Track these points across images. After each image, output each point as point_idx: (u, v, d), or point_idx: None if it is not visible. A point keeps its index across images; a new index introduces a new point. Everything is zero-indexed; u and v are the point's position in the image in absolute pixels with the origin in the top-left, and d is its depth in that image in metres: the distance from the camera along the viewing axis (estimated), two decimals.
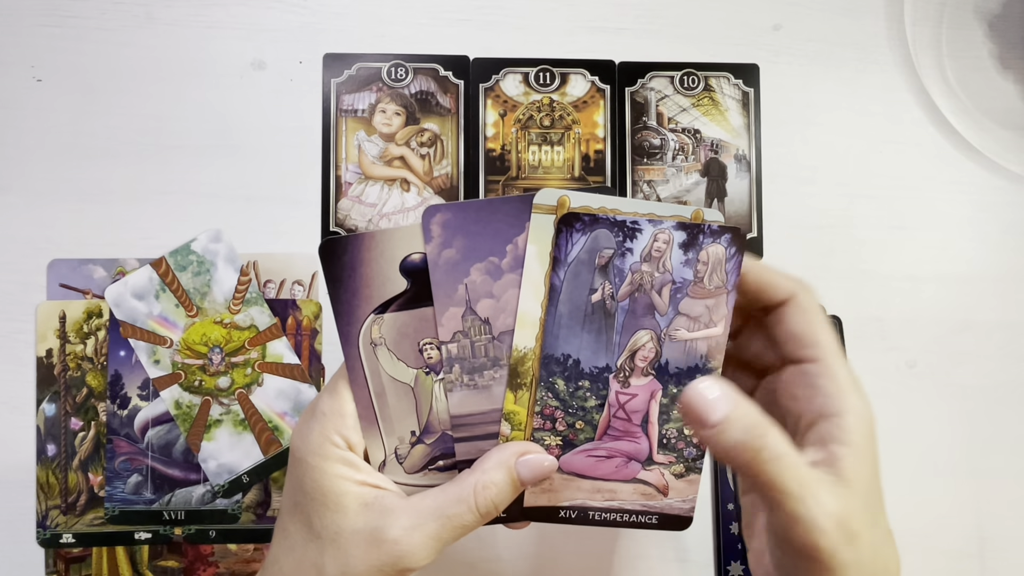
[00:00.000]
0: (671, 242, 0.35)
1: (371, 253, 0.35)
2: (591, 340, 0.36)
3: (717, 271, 0.36)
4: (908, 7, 0.57)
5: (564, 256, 0.35)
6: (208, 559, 0.52)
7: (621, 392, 0.36)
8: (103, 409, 0.52)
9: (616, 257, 0.35)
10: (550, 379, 0.36)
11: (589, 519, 0.38)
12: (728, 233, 0.35)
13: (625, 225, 0.35)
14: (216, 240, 0.52)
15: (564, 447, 0.37)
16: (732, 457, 0.33)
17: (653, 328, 0.36)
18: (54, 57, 0.54)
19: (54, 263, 0.53)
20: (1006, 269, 0.56)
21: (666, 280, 0.36)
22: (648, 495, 0.37)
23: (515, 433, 0.36)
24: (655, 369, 0.36)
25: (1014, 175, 0.56)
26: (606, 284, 0.36)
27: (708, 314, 0.36)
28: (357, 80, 0.55)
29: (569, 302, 0.35)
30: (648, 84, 0.56)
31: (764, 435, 0.32)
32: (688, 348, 0.36)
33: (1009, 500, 0.55)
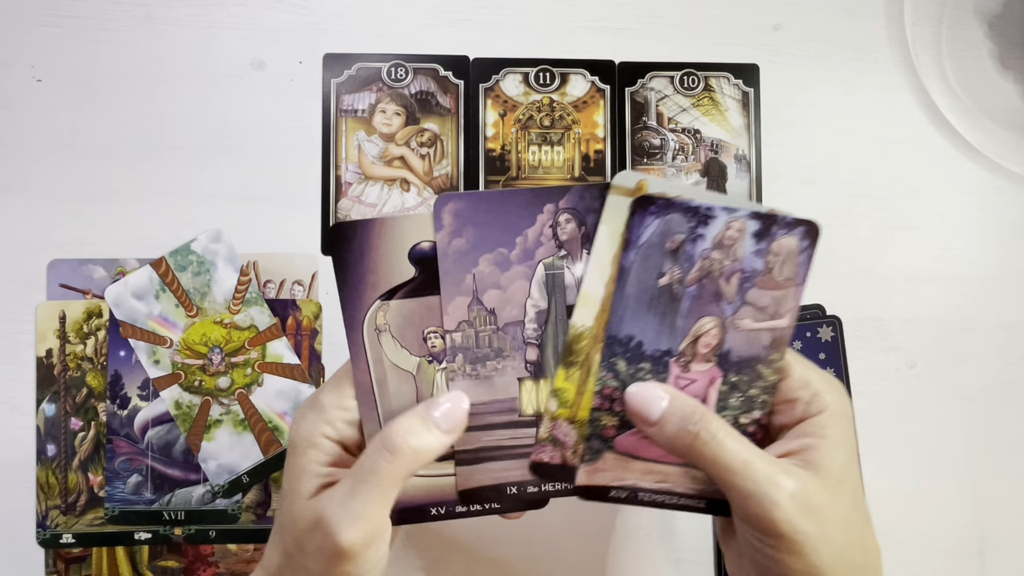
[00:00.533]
0: (744, 231, 0.35)
1: (381, 239, 0.35)
2: (655, 323, 0.36)
3: (788, 263, 0.36)
4: (908, 7, 0.57)
5: (636, 238, 0.35)
6: (208, 559, 0.52)
7: (681, 376, 0.36)
8: (103, 409, 0.52)
9: (687, 242, 0.35)
10: (612, 359, 0.36)
11: (638, 500, 0.38)
12: (803, 226, 0.35)
13: (699, 211, 0.35)
14: (216, 240, 0.52)
15: (620, 428, 0.37)
16: (676, 447, 0.34)
17: (718, 315, 0.36)
18: (54, 57, 0.54)
19: (54, 263, 0.53)
20: (1006, 269, 0.56)
21: (735, 269, 0.36)
22: (698, 479, 0.37)
23: (561, 410, 0.36)
24: (717, 356, 0.36)
25: (1014, 175, 0.56)
26: (675, 269, 0.35)
27: (775, 306, 0.36)
28: (357, 80, 0.55)
29: (637, 284, 0.35)
30: (648, 84, 0.56)
31: (699, 419, 0.34)
32: (751, 338, 0.36)
33: (1009, 500, 0.55)
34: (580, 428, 0.37)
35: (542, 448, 0.37)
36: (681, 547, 0.54)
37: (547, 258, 0.36)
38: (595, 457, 0.37)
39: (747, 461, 0.33)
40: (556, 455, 0.37)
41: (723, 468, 0.33)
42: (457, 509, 0.37)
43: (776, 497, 0.32)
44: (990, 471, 0.55)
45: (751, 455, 0.33)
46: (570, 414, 0.37)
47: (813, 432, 0.34)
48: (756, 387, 0.36)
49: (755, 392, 0.36)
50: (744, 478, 0.33)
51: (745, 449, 0.33)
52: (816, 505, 0.32)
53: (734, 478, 0.33)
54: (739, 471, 0.33)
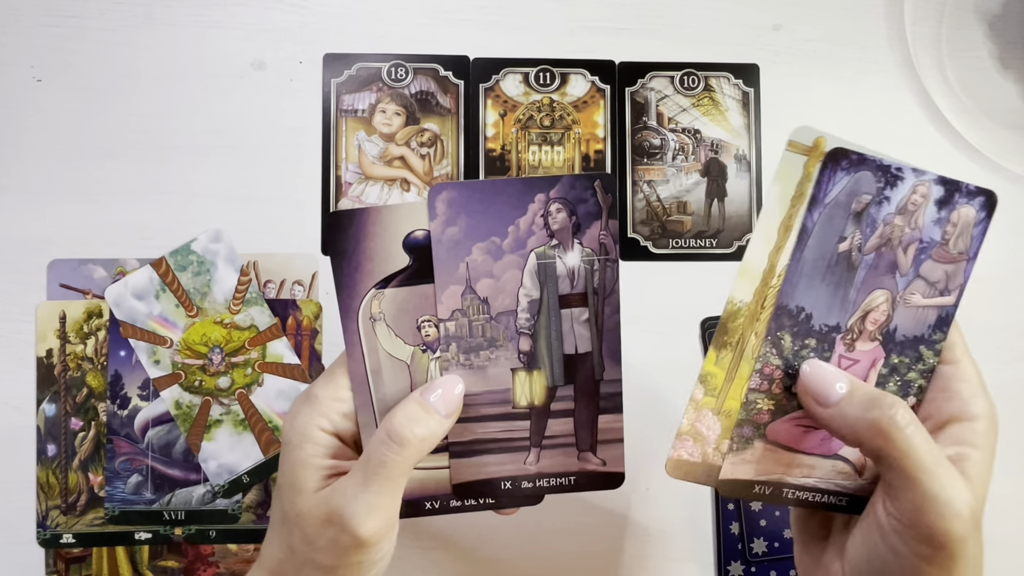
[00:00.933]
0: (929, 196, 0.34)
1: (376, 227, 0.35)
2: (828, 294, 0.34)
3: (964, 235, 0.34)
4: (908, 7, 0.57)
5: (823, 196, 0.33)
6: (208, 559, 0.52)
7: (844, 356, 0.34)
8: (103, 409, 0.52)
9: (873, 204, 0.33)
10: (778, 333, 0.34)
11: (783, 496, 0.36)
12: (983, 195, 0.34)
13: (890, 170, 0.33)
14: (216, 240, 0.52)
15: (775, 413, 0.35)
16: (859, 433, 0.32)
17: (891, 288, 0.34)
18: (54, 57, 0.54)
19: (54, 263, 0.53)
20: (1006, 269, 0.56)
21: (914, 238, 0.34)
22: (844, 474, 0.36)
23: (707, 399, 0.34)
24: (883, 335, 0.34)
25: (1014, 175, 0.56)
26: (856, 233, 0.34)
27: (945, 281, 0.34)
28: (357, 80, 0.55)
29: (817, 248, 0.33)
30: (648, 84, 0.56)
31: (893, 405, 0.31)
32: (919, 315, 0.34)
33: (1009, 500, 0.55)
34: (726, 419, 0.34)
35: (682, 442, 0.35)
36: (681, 547, 0.54)
37: (539, 247, 0.36)
38: (744, 446, 0.35)
39: (939, 460, 0.30)
40: (696, 451, 0.35)
41: (912, 463, 0.30)
42: (451, 504, 0.37)
43: (959, 509, 0.30)
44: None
45: (941, 455, 0.31)
46: (716, 403, 0.34)
47: (971, 441, 0.32)
48: (915, 370, 0.34)
49: (913, 376, 0.34)
50: (932, 478, 0.30)
51: (935, 448, 0.31)
52: (979, 525, 0.31)
53: (921, 476, 0.30)
54: (930, 470, 0.30)
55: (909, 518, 0.31)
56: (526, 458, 0.37)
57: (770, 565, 0.53)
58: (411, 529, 0.53)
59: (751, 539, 0.54)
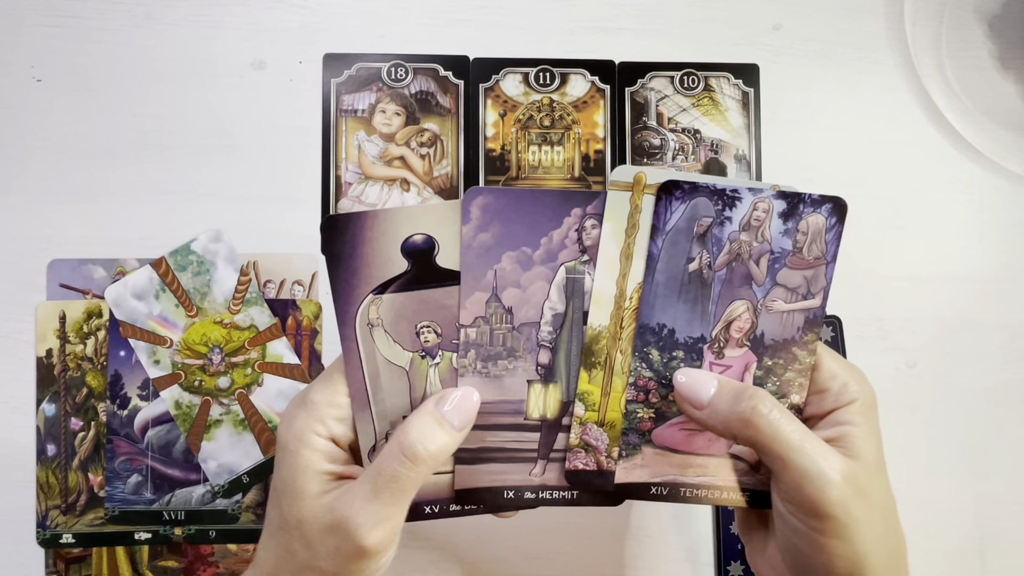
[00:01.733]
0: (771, 211, 0.35)
1: (373, 232, 0.35)
2: (686, 310, 0.35)
3: (817, 241, 0.35)
4: (908, 7, 0.57)
5: (663, 224, 0.35)
6: (208, 559, 0.52)
7: (715, 363, 0.36)
8: (103, 409, 0.52)
9: (715, 225, 0.35)
10: (644, 349, 0.36)
11: (680, 496, 0.37)
12: (829, 203, 0.35)
13: (725, 193, 0.35)
14: (216, 240, 0.52)
15: (657, 420, 0.36)
16: (729, 427, 0.34)
17: (749, 299, 0.36)
18: (54, 57, 0.54)
19: (54, 263, 0.53)
20: (1006, 269, 0.56)
21: (764, 250, 0.35)
22: (740, 470, 0.37)
23: (589, 414, 0.36)
24: (750, 340, 0.36)
25: (1014, 175, 0.56)
26: (704, 253, 0.35)
27: (806, 285, 0.36)
28: (357, 80, 0.55)
29: (666, 271, 0.35)
30: (648, 84, 0.56)
31: (753, 396, 0.34)
32: (785, 320, 0.36)
33: (1009, 500, 0.55)
34: (611, 430, 0.36)
35: (575, 455, 0.37)
36: (681, 547, 0.54)
37: (569, 262, 0.35)
38: (632, 452, 0.37)
39: (804, 438, 0.33)
40: (590, 460, 0.37)
41: (781, 444, 0.33)
42: (451, 508, 0.37)
43: (832, 477, 0.32)
44: (990, 471, 0.55)
45: (807, 433, 0.33)
46: (598, 417, 0.36)
47: (848, 420, 0.34)
48: (792, 370, 0.36)
49: (791, 375, 0.36)
50: (802, 454, 0.32)
51: (800, 427, 0.33)
52: (864, 489, 0.33)
53: (791, 453, 0.32)
54: (797, 447, 0.32)
55: (792, 496, 0.33)
56: (532, 469, 0.37)
57: None
58: (411, 529, 0.53)
59: None
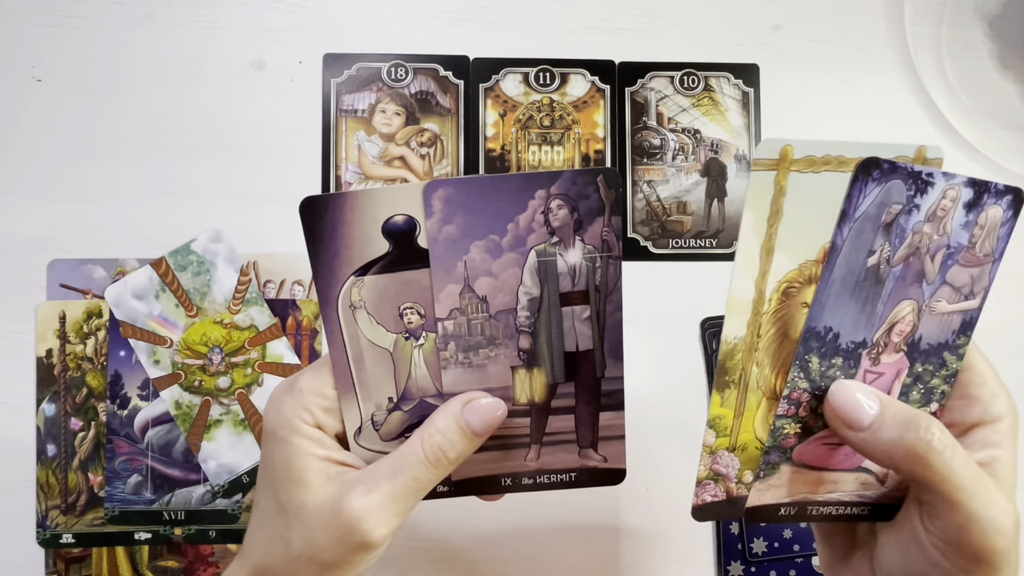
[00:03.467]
0: (958, 200, 0.33)
1: (353, 213, 0.34)
2: (856, 311, 0.32)
3: (990, 236, 0.33)
4: (908, 7, 0.57)
5: (853, 210, 0.31)
6: (208, 559, 0.52)
7: (869, 371, 0.33)
8: (103, 409, 0.52)
9: (903, 214, 0.32)
10: (806, 356, 0.32)
11: (807, 514, 0.35)
12: (1010, 194, 0.33)
13: (920, 177, 0.32)
14: (216, 240, 0.52)
15: (801, 435, 0.34)
16: (894, 456, 0.31)
17: (917, 298, 0.33)
18: (54, 57, 0.54)
19: (54, 263, 0.53)
20: (1006, 269, 0.56)
21: (942, 244, 0.33)
22: (867, 484, 0.35)
23: (720, 440, 0.33)
24: (907, 345, 0.33)
25: (1014, 175, 0.56)
26: (886, 245, 0.32)
27: (971, 284, 0.33)
28: (357, 80, 0.55)
29: (846, 265, 0.32)
30: (648, 84, 0.56)
31: (929, 427, 0.31)
32: (944, 322, 0.33)
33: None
34: (742, 453, 0.34)
35: (703, 487, 0.34)
36: (681, 547, 0.54)
37: (539, 245, 0.35)
38: (771, 472, 0.34)
39: (979, 479, 0.30)
40: (720, 491, 0.35)
41: (953, 485, 0.30)
42: (438, 490, 0.37)
43: (1003, 525, 0.30)
44: None
45: (981, 475, 0.30)
46: (730, 442, 0.33)
47: (998, 443, 0.32)
48: (938, 376, 0.34)
49: (936, 382, 0.34)
50: (974, 498, 0.30)
51: (974, 468, 0.30)
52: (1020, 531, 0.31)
53: (964, 497, 0.30)
54: (970, 490, 0.30)
55: (952, 537, 0.31)
56: (526, 455, 0.37)
57: (770, 565, 0.53)
58: (411, 529, 0.53)
59: (751, 539, 0.53)
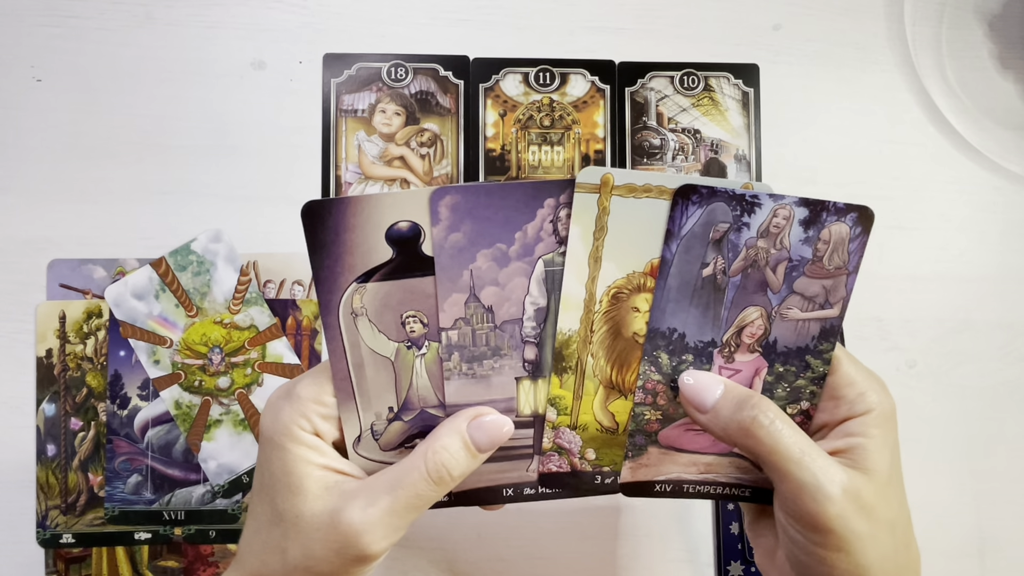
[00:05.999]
0: (791, 218, 0.34)
1: (357, 219, 0.33)
2: (698, 315, 0.35)
3: (839, 251, 0.34)
4: (908, 7, 0.57)
5: (678, 229, 0.34)
6: (208, 559, 0.52)
7: (725, 367, 0.36)
8: (103, 409, 0.52)
9: (731, 231, 0.34)
10: (654, 353, 0.35)
11: (684, 492, 0.38)
12: (855, 212, 0.34)
13: (744, 199, 0.34)
14: (216, 240, 0.52)
15: (663, 421, 0.36)
16: (730, 435, 0.34)
17: (764, 305, 0.35)
18: (54, 57, 0.54)
19: (54, 263, 0.53)
20: (1006, 269, 0.56)
21: (782, 257, 0.34)
22: (742, 468, 0.37)
23: (561, 418, 0.36)
24: (762, 347, 0.35)
25: (1014, 175, 0.56)
26: (718, 258, 0.34)
27: (825, 295, 0.35)
28: (357, 80, 0.55)
29: (679, 276, 0.34)
30: (648, 84, 0.56)
31: (756, 405, 0.33)
32: (800, 328, 0.35)
33: (1009, 500, 0.55)
34: (583, 432, 0.36)
35: (548, 458, 0.37)
36: (681, 547, 0.54)
37: (547, 254, 0.34)
38: (639, 453, 0.37)
39: (804, 451, 0.32)
40: (563, 463, 0.37)
41: (780, 456, 0.32)
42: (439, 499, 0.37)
43: (831, 491, 0.31)
44: (990, 471, 0.55)
45: (808, 445, 0.32)
46: (570, 420, 0.36)
47: (860, 432, 0.34)
48: (804, 378, 0.36)
49: (802, 383, 0.36)
50: (801, 468, 0.32)
51: (802, 439, 0.33)
52: (867, 504, 0.32)
53: (790, 466, 0.32)
54: (796, 460, 0.32)
55: (791, 509, 0.33)
56: (528, 466, 0.37)
57: None
58: (411, 529, 0.53)
59: None
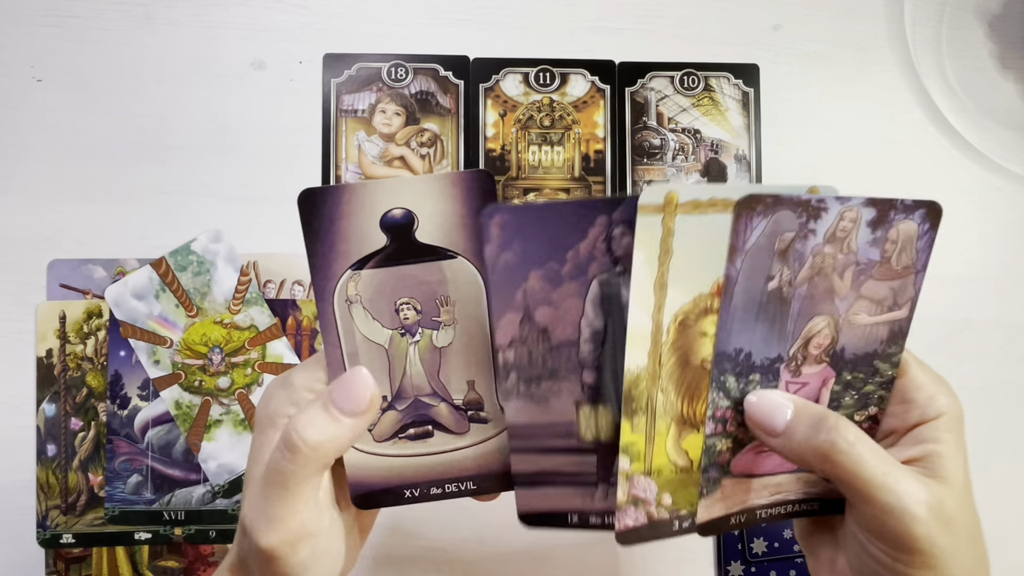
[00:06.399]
0: (859, 220, 0.33)
1: (351, 206, 0.33)
2: (764, 331, 0.33)
3: (907, 250, 0.33)
4: (908, 7, 0.57)
5: (742, 243, 0.32)
6: (208, 559, 0.52)
7: (791, 382, 0.34)
8: (103, 409, 0.52)
9: (797, 240, 0.32)
10: (721, 378, 0.33)
11: (757, 518, 0.36)
12: (922, 208, 0.33)
13: (810, 205, 0.32)
14: (216, 240, 0.52)
15: (735, 449, 0.35)
16: (806, 458, 0.32)
17: (831, 313, 0.34)
18: (54, 57, 0.54)
19: (54, 263, 0.53)
20: (1006, 269, 0.56)
21: (849, 262, 0.33)
22: (811, 482, 0.36)
23: (635, 466, 0.34)
24: (829, 356, 0.34)
25: (1014, 175, 0.56)
26: (784, 270, 0.33)
27: (893, 297, 0.34)
28: (357, 80, 0.55)
29: (744, 293, 0.33)
30: (648, 84, 0.56)
31: (834, 426, 0.32)
32: (868, 333, 0.34)
33: (1009, 500, 0.55)
34: (658, 477, 0.34)
35: (624, 513, 0.34)
36: (681, 547, 0.54)
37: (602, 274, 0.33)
38: (713, 488, 0.35)
39: (887, 473, 0.31)
40: (641, 515, 0.35)
41: (863, 481, 0.31)
42: (432, 491, 0.36)
43: (917, 512, 0.30)
44: (990, 471, 0.55)
45: (890, 466, 0.31)
46: (644, 466, 0.34)
47: (933, 438, 0.33)
48: (872, 383, 0.35)
49: (871, 388, 0.35)
50: (885, 491, 0.31)
51: (883, 460, 0.31)
52: (949, 517, 0.31)
53: (872, 491, 0.31)
54: (879, 484, 0.31)
55: (874, 530, 0.32)
56: (595, 494, 0.35)
57: (770, 565, 0.53)
58: (411, 529, 0.53)
59: (751, 539, 0.53)
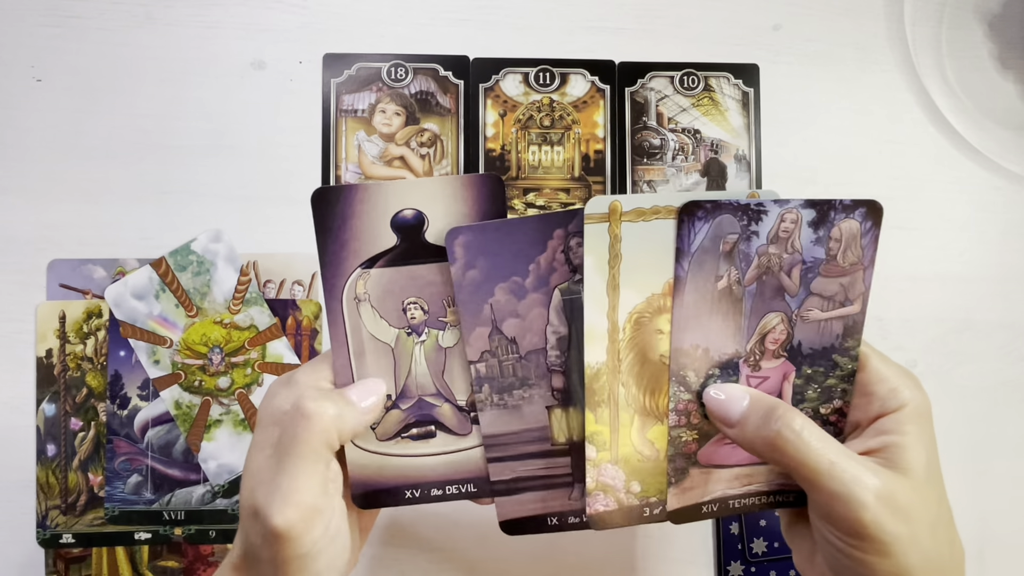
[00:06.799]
0: (799, 221, 0.34)
1: (363, 205, 0.34)
2: (719, 327, 0.35)
3: (852, 247, 0.35)
4: (908, 7, 0.57)
5: (687, 246, 0.34)
6: (208, 559, 0.52)
7: (752, 376, 0.36)
8: (103, 409, 0.52)
9: (741, 241, 0.34)
10: (681, 372, 0.35)
11: (730, 508, 0.37)
12: (862, 207, 0.34)
13: (749, 208, 0.34)
14: (216, 240, 0.52)
15: (700, 441, 0.36)
16: (757, 448, 0.33)
17: (783, 310, 0.35)
18: (54, 57, 0.54)
19: (54, 263, 0.53)
20: (1006, 269, 0.56)
21: (795, 260, 0.35)
22: (781, 473, 0.37)
23: (601, 454, 0.35)
24: (787, 351, 0.35)
25: (1014, 175, 0.56)
26: (731, 270, 0.34)
27: (843, 292, 0.35)
28: (357, 80, 0.55)
29: (695, 292, 0.34)
30: (648, 84, 0.56)
31: (782, 416, 0.33)
32: (823, 328, 0.35)
33: (1009, 500, 0.55)
34: (625, 465, 0.36)
35: (594, 498, 0.36)
36: (681, 547, 0.54)
37: (562, 283, 0.35)
38: (681, 477, 0.36)
39: (833, 461, 0.31)
40: (610, 500, 0.36)
41: (808, 468, 0.32)
42: (432, 493, 0.37)
43: (863, 498, 0.31)
44: (990, 471, 0.55)
45: (837, 454, 0.32)
46: (611, 455, 0.36)
47: (893, 429, 0.33)
48: (834, 376, 0.36)
49: (833, 382, 0.36)
50: (830, 479, 0.31)
51: (830, 447, 0.32)
52: (904, 506, 0.31)
53: (819, 478, 0.31)
54: (825, 471, 0.31)
55: (826, 517, 0.32)
56: (571, 494, 0.37)
57: (770, 565, 0.53)
58: (411, 529, 0.53)
59: (751, 539, 0.54)
